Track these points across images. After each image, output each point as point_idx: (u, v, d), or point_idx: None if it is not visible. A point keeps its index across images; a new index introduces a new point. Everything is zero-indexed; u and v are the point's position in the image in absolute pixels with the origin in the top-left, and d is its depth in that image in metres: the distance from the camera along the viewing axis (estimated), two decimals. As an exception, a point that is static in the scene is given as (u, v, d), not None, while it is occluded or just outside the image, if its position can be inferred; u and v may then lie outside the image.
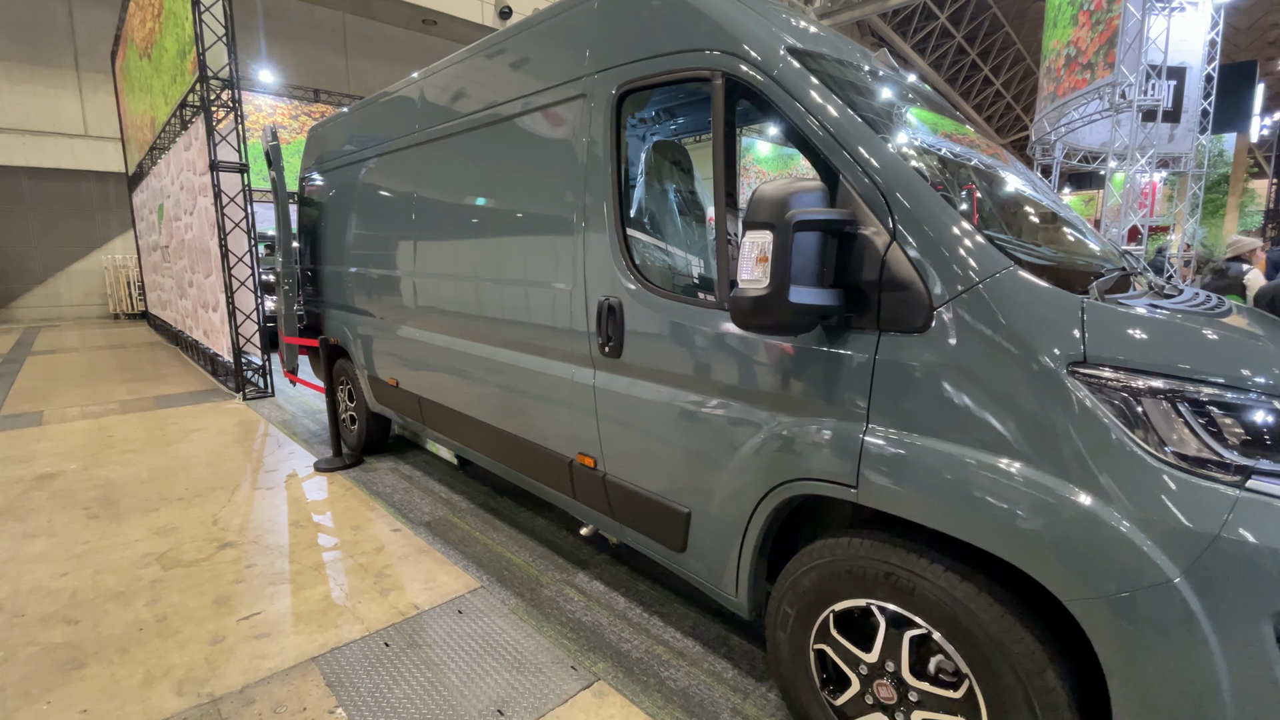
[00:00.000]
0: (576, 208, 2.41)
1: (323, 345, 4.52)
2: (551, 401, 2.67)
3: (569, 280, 2.47)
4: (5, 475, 4.56)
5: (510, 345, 2.90)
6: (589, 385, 2.44)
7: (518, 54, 2.75)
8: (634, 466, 2.31)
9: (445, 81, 3.29)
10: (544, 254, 2.60)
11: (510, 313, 2.86)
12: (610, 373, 2.36)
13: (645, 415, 2.23)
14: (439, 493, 4.12)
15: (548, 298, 2.60)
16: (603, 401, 2.39)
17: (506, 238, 2.83)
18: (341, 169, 4.50)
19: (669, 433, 2.14)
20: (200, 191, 7.37)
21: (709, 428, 2.01)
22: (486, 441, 3.20)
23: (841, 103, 1.73)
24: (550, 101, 2.53)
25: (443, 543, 3.39)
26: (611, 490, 2.43)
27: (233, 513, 3.82)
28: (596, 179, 2.32)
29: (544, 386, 2.69)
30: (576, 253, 2.42)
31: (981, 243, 1.49)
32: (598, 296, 2.33)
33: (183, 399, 7.01)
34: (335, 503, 3.96)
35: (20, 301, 16.57)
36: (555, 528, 3.58)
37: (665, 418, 2.15)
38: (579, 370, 2.50)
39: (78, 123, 16.20)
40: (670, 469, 2.16)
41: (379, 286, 4.09)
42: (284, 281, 4.77)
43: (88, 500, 4.06)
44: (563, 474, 2.69)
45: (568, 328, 2.51)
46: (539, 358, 2.72)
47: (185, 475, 4.50)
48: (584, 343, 2.44)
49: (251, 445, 5.24)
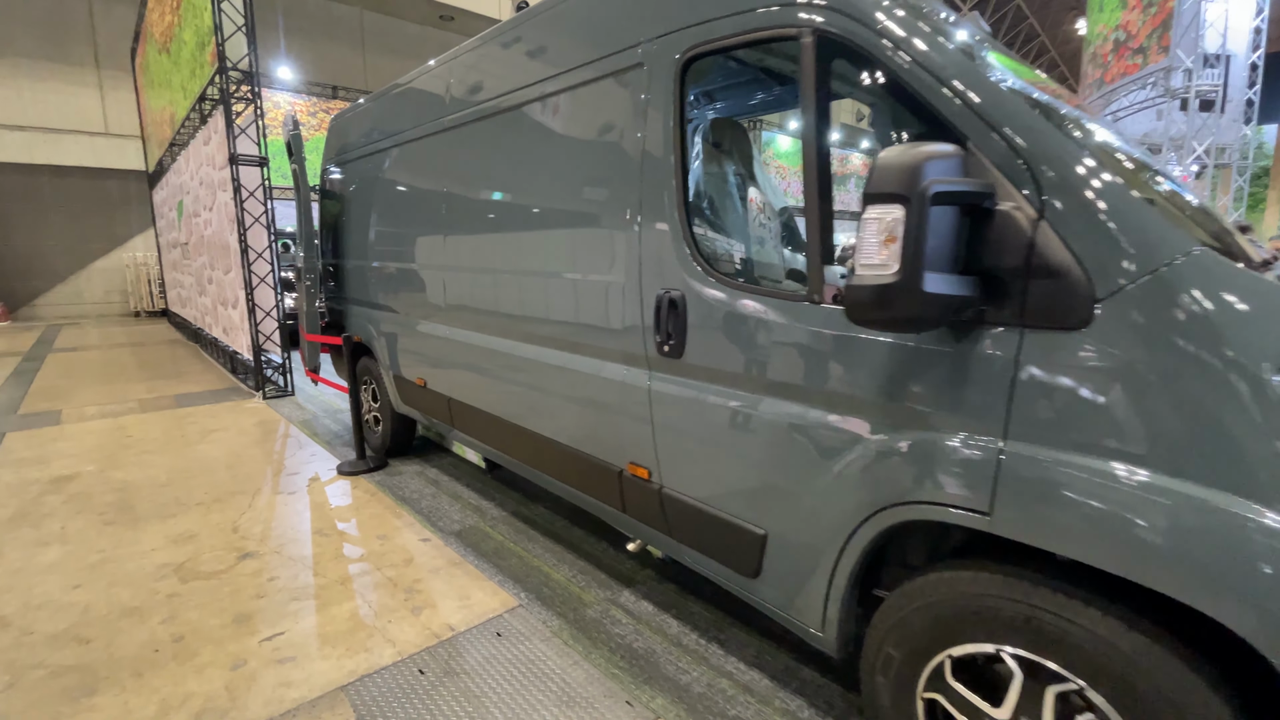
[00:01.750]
0: (631, 192, 2.17)
1: (346, 343, 4.32)
2: (598, 406, 2.43)
3: (621, 273, 2.23)
4: (21, 477, 4.41)
5: (552, 344, 2.66)
6: (643, 389, 2.20)
7: (561, 23, 2.50)
8: (697, 480, 2.06)
9: (479, 61, 3.05)
10: (592, 244, 2.36)
11: (552, 309, 2.62)
12: (669, 374, 2.11)
13: (712, 424, 1.98)
14: (468, 499, 3.90)
15: (596, 292, 2.36)
16: (659, 407, 2.15)
17: (549, 228, 2.59)
18: (366, 159, 4.29)
19: (742, 444, 1.89)
20: (220, 186, 7.23)
21: (795, 440, 1.75)
22: (523, 447, 2.97)
23: (966, 59, 1.46)
24: (600, 74, 2.29)
25: (475, 555, 3.17)
26: (669, 505, 2.18)
27: (254, 519, 3.63)
28: (655, 159, 2.07)
29: (590, 389, 2.45)
30: (630, 242, 2.18)
31: (1160, 218, 1.22)
32: (655, 290, 2.09)
33: (202, 398, 6.87)
34: (360, 509, 3.75)
35: (42, 299, 16.66)
36: (594, 539, 3.34)
37: (737, 427, 1.90)
38: (631, 372, 2.26)
39: (98, 120, 16.24)
40: (743, 485, 1.91)
41: (405, 282, 3.88)
42: (306, 277, 4.58)
43: (104, 505, 3.89)
44: (610, 485, 2.45)
45: (619, 325, 2.27)
46: (584, 358, 2.48)
47: (205, 478, 4.32)
48: (637, 341, 2.20)
49: (272, 446, 5.06)
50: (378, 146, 4.10)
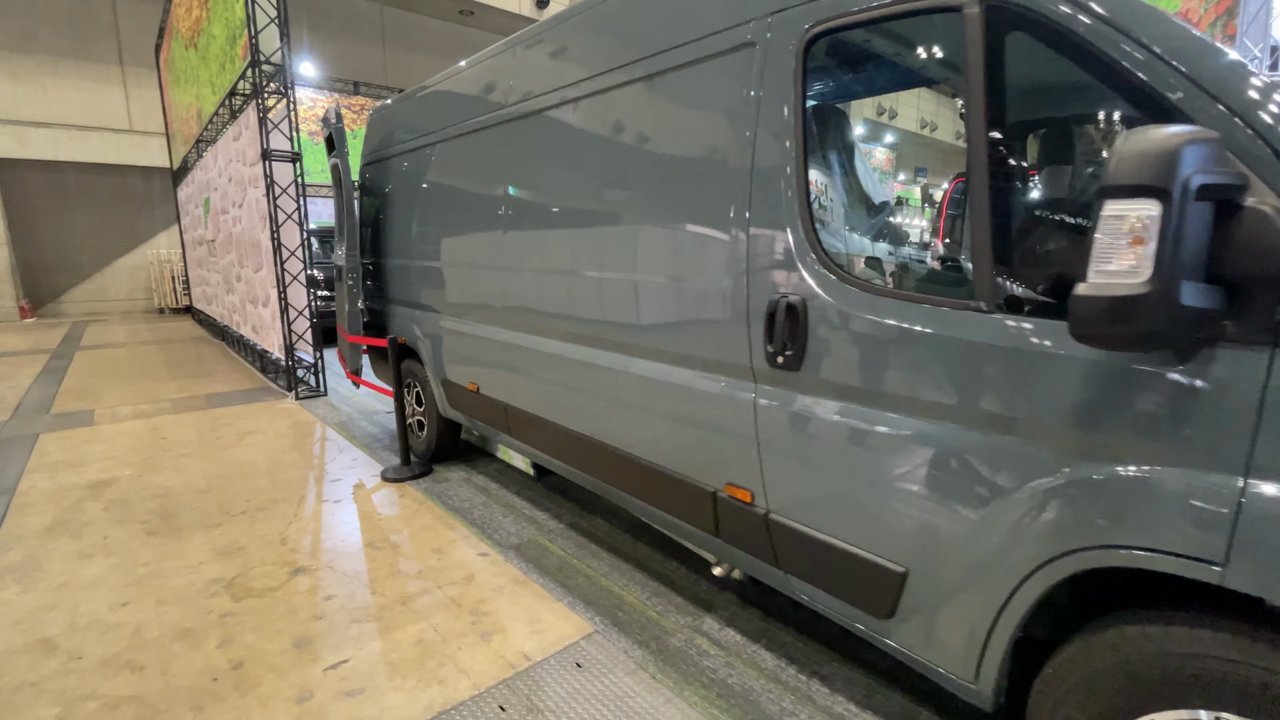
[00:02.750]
0: (737, 187, 1.96)
1: (391, 345, 4.16)
2: (690, 421, 2.23)
3: (723, 276, 2.02)
4: (58, 482, 4.30)
5: (634, 353, 2.46)
6: (747, 403, 2.00)
7: (651, 1, 2.29)
8: (815, 508, 1.86)
9: (550, 46, 2.85)
10: (687, 245, 2.16)
11: (637, 316, 2.42)
12: (780, 389, 1.91)
13: (837, 446, 1.77)
14: (521, 509, 3.73)
15: (691, 296, 2.16)
16: (767, 424, 1.94)
17: (635, 228, 2.39)
18: (411, 154, 4.11)
19: (878, 470, 1.68)
20: (250, 183, 7.11)
21: (951, 469, 1.54)
22: (594, 461, 2.77)
23: (1183, 32, 1.25)
24: (701, 56, 2.08)
25: (538, 572, 2.99)
26: (778, 533, 1.98)
27: (301, 530, 3.47)
28: (770, 150, 1.87)
29: (680, 403, 2.25)
30: (736, 242, 1.98)
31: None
32: (768, 295, 1.88)
33: (234, 398, 6.76)
34: (410, 519, 3.59)
35: (68, 296, 16.75)
36: (662, 557, 3.15)
37: (872, 450, 1.69)
38: (732, 385, 2.06)
39: (122, 118, 16.27)
40: (878, 517, 1.70)
41: (456, 282, 3.70)
42: (348, 276, 4.42)
43: (145, 512, 3.76)
44: (702, 507, 2.25)
45: (718, 334, 2.07)
46: (675, 368, 2.28)
47: (245, 484, 4.18)
48: (742, 351, 1.99)
49: (310, 450, 4.91)
50: (426, 140, 3.92)
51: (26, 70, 14.83)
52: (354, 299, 4.50)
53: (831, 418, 1.78)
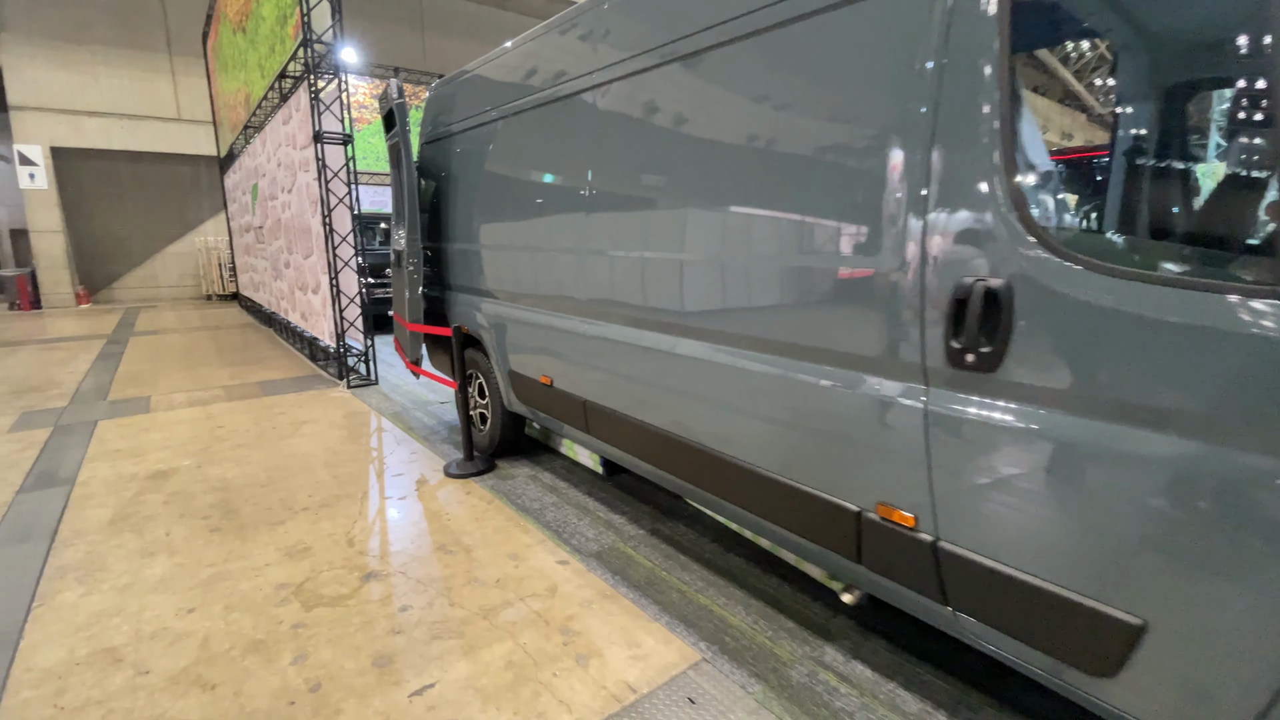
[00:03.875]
0: (911, 145, 1.64)
1: (455, 335, 3.93)
2: (826, 429, 1.92)
3: (888, 254, 1.70)
4: (117, 472, 4.20)
5: (754, 347, 2.16)
6: (915, 410, 1.68)
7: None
8: (1010, 540, 1.54)
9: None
10: (832, 218, 1.84)
11: (759, 304, 2.12)
12: (964, 393, 1.58)
13: (1049, 467, 1.44)
14: (595, 511, 3.47)
15: (835, 281, 1.84)
16: (944, 436, 1.62)
17: (759, 200, 2.07)
18: (475, 130, 3.85)
19: (1111, 501, 1.35)
20: (301, 167, 6.97)
21: (1219, 502, 1.21)
22: (696, 469, 2.48)
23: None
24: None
25: (626, 585, 2.72)
26: (949, 565, 1.67)
27: (367, 530, 3.27)
28: (963, 102, 1.53)
29: (819, 407, 1.94)
30: (907, 212, 1.65)
31: None
32: (954, 277, 1.56)
33: (286, 386, 6.67)
34: (481, 520, 3.36)
35: (120, 282, 17.14)
36: (759, 571, 2.86)
37: (1103, 476, 1.36)
38: (894, 387, 1.74)
39: (171, 106, 16.47)
40: (1107, 555, 1.38)
41: (529, 268, 3.44)
42: (409, 261, 4.20)
43: (206, 506, 3.61)
44: (839, 529, 1.94)
45: (874, 324, 1.75)
46: (813, 365, 1.96)
47: (305, 478, 4.02)
48: (910, 346, 1.67)
49: (368, 442, 4.75)
50: (495, 114, 3.65)
51: (79, 60, 15.08)
52: (414, 286, 4.28)
53: (1042, 432, 1.45)
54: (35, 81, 14.60)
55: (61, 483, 4.03)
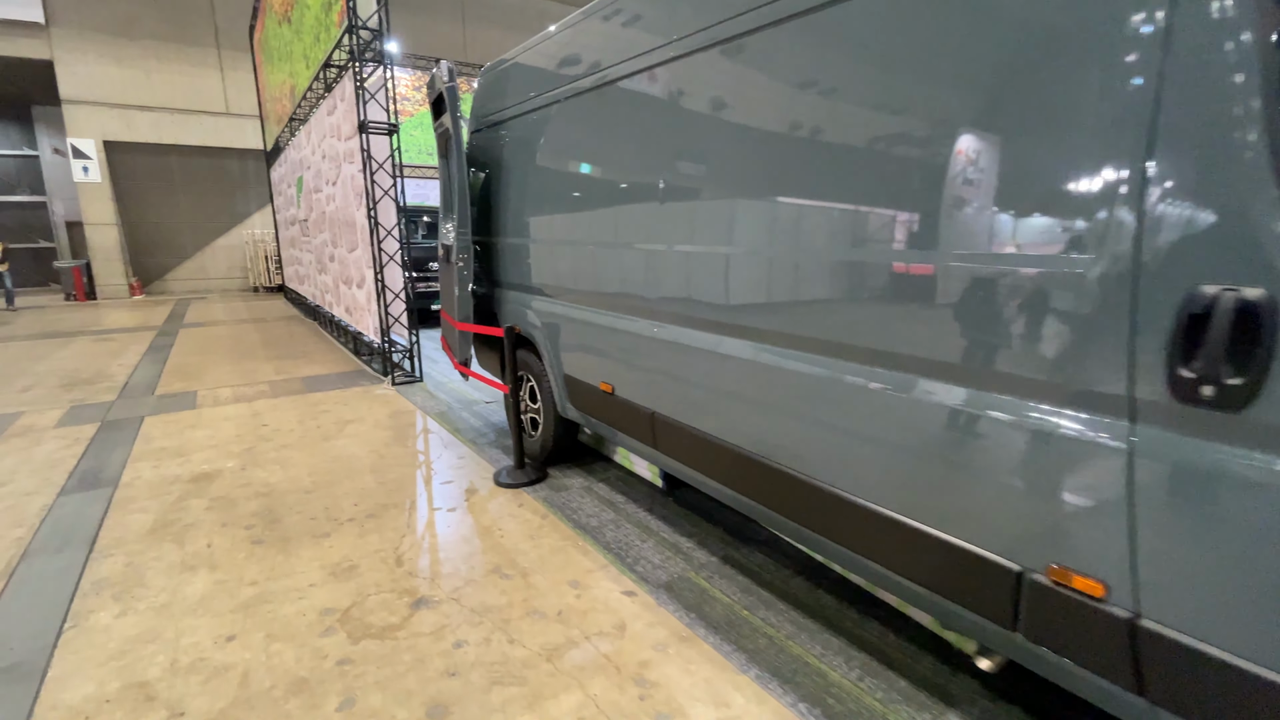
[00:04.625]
0: (1126, 118, 1.27)
1: (508, 335, 3.67)
2: (990, 468, 1.57)
3: (1095, 251, 1.33)
4: (161, 473, 4.07)
5: (888, 364, 1.81)
6: (1116, 452, 1.32)
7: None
8: (1254, 632, 1.17)
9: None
10: (1024, 206, 1.48)
11: (897, 311, 1.77)
12: (1193, 436, 1.22)
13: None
14: (659, 532, 3.17)
15: (1020, 285, 1.47)
16: (1156, 489, 1.26)
17: (895, 182, 1.72)
18: (533, 114, 3.56)
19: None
20: (345, 158, 6.82)
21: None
22: (795, 502, 2.15)
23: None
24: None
25: (704, 625, 2.42)
26: (1156, 652, 1.31)
27: (416, 546, 3.04)
28: (1205, 62, 1.16)
29: (975, 440, 1.59)
30: (1125, 197, 1.28)
31: None
32: (1191, 283, 1.19)
33: (330, 381, 6.54)
34: (536, 538, 3.09)
35: (172, 274, 17.53)
36: (857, 614, 2.52)
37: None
38: (1085, 422, 1.38)
39: (219, 101, 16.71)
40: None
41: (590, 264, 3.14)
42: (459, 256, 3.95)
43: (249, 514, 3.43)
44: (995, 590, 1.59)
45: (1071, 342, 1.39)
46: (971, 389, 1.60)
47: (351, 484, 3.82)
48: (1114, 374, 1.31)
49: (414, 445, 4.54)
50: (551, 97, 3.35)
51: (131, 55, 15.37)
52: (464, 283, 4.04)
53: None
54: (88, 76, 14.93)
55: (104, 484, 3.91)
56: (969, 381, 1.60)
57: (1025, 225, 1.44)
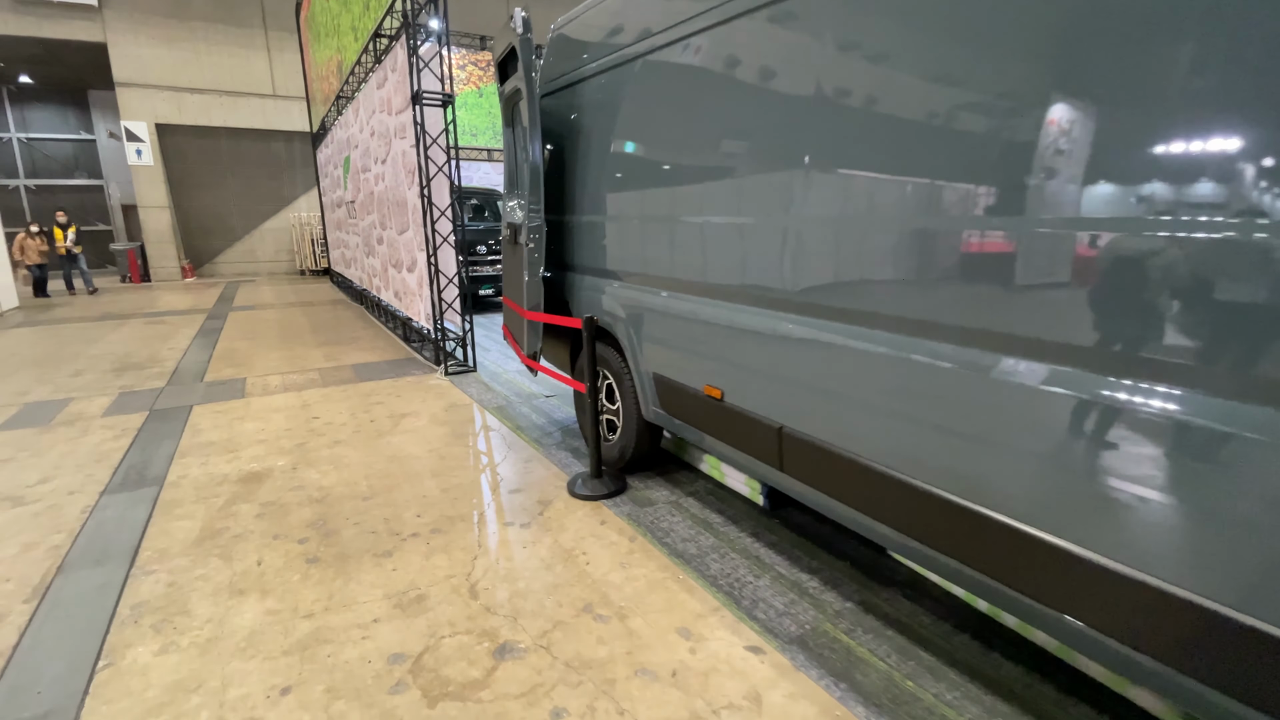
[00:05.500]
0: None
1: (587, 327, 3.21)
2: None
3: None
4: (209, 472, 3.76)
5: (1147, 374, 1.28)
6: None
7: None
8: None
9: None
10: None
11: (1168, 297, 1.24)
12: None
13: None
14: (772, 563, 2.69)
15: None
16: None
17: (1127, 144, 1.19)
18: (621, 69, 3.06)
19: None
20: (397, 134, 6.43)
21: None
22: (989, 553, 1.63)
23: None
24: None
25: (862, 701, 1.93)
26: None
27: (491, 572, 2.62)
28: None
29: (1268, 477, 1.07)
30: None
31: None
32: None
33: (380, 370, 6.22)
34: (628, 567, 2.64)
35: (222, 257, 17.67)
36: (1055, 690, 1.99)
37: None
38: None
39: (266, 83, 16.64)
40: None
41: (695, 244, 2.65)
42: (529, 237, 3.50)
43: (302, 525, 3.07)
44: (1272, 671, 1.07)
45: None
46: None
47: (411, 489, 3.43)
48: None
49: (475, 444, 4.14)
50: (646, 46, 2.85)
51: (180, 36, 15.35)
52: (535, 267, 3.58)
53: None
54: (139, 58, 14.96)
55: (150, 483, 3.61)
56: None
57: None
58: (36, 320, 10.07)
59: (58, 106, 18.84)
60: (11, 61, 15.86)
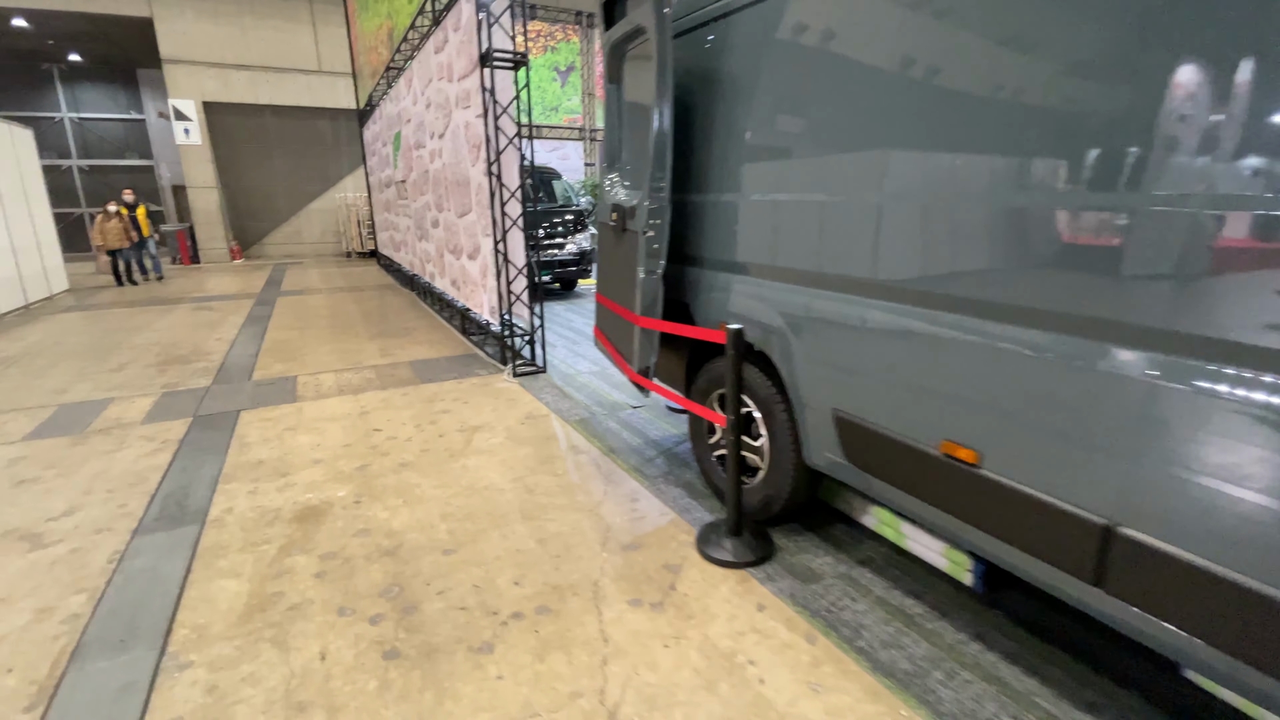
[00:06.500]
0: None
1: (735, 341, 2.43)
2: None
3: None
4: (258, 504, 3.14)
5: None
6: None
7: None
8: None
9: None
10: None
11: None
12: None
13: None
14: (1034, 696, 1.90)
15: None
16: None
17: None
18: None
19: None
20: (458, 103, 5.71)
21: None
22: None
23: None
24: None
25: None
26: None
27: (631, 687, 1.91)
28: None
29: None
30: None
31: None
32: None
33: (441, 369, 5.58)
34: (822, 693, 1.90)
35: (269, 239, 17.41)
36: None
37: None
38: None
39: (312, 58, 16.15)
40: None
41: (945, 230, 1.84)
42: (649, 221, 2.74)
43: (373, 591, 2.41)
44: None
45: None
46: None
47: (500, 538, 2.75)
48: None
49: (564, 471, 3.44)
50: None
51: (225, 11, 14.91)
52: (651, 260, 2.83)
53: None
54: (185, 34, 14.59)
55: (190, 519, 3.01)
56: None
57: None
58: (86, 304, 9.79)
59: (107, 86, 18.75)
60: (60, 38, 15.70)
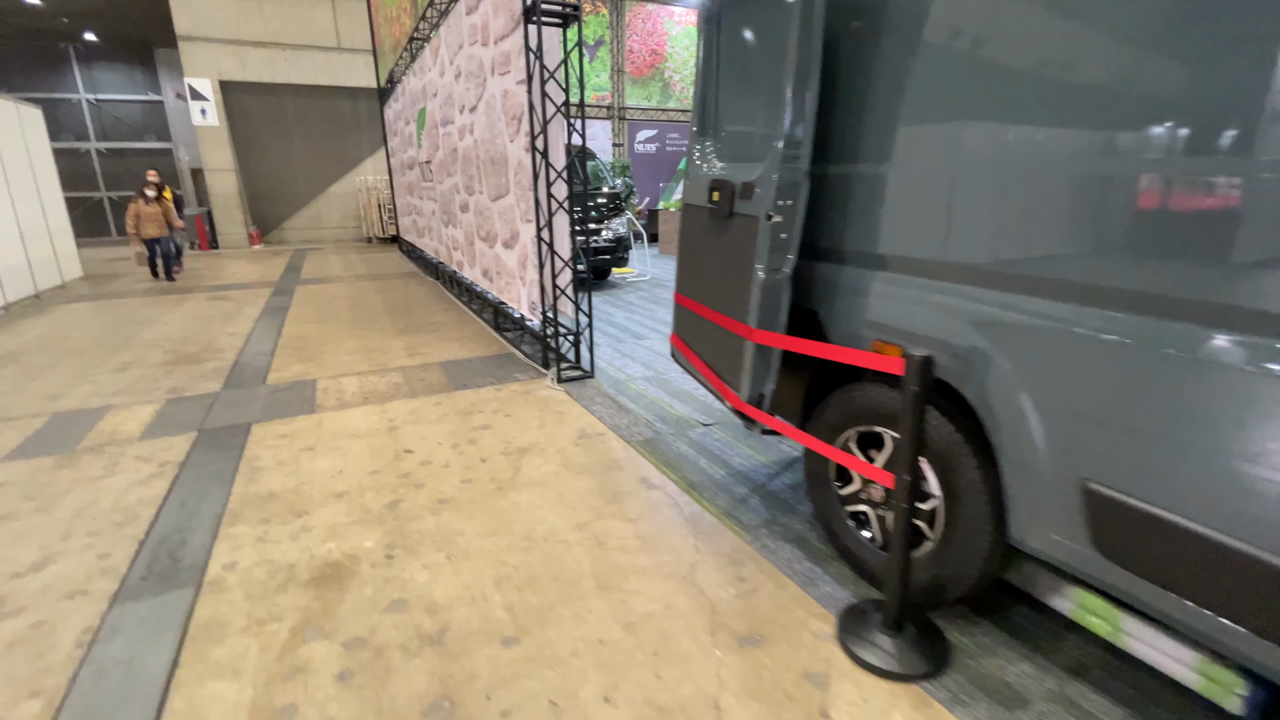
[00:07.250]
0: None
1: (916, 373, 1.73)
2: None
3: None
4: (269, 558, 2.53)
5: None
6: None
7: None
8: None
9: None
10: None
11: None
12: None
13: None
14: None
15: None
16: None
17: None
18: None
19: None
20: (496, 68, 5.00)
21: None
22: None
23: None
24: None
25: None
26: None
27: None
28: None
29: None
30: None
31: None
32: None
33: (475, 370, 4.95)
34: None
35: (288, 223, 16.89)
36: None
37: None
38: None
39: (330, 35, 15.49)
40: None
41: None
42: (778, 201, 2.05)
43: (415, 708, 1.78)
44: None
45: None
46: None
47: (574, 619, 2.10)
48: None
49: (638, 514, 2.77)
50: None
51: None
52: (779, 254, 2.13)
53: None
54: (201, 10, 13.99)
55: (183, 579, 2.41)
56: None
57: None
58: (99, 293, 9.31)
59: (124, 66, 18.28)
60: (75, 16, 15.20)
